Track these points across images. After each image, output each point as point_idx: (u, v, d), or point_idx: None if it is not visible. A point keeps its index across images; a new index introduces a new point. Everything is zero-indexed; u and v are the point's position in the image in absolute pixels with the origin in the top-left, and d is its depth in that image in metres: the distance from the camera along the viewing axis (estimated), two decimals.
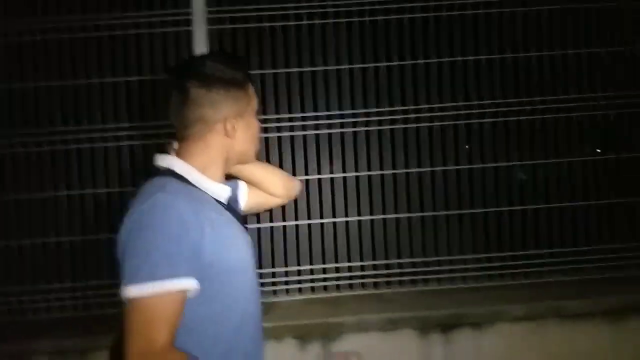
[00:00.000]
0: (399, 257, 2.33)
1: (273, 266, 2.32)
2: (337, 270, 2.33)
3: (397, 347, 2.09)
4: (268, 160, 2.31)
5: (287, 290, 2.32)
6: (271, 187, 1.34)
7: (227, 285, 1.03)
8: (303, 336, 2.09)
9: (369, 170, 2.36)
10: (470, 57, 2.37)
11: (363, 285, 2.33)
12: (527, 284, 2.30)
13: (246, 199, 1.32)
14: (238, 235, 1.10)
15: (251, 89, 1.13)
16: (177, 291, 0.94)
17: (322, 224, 2.34)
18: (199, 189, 1.07)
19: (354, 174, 2.36)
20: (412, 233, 2.34)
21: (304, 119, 2.34)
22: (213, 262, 0.99)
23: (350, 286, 2.33)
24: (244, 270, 1.09)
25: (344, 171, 2.36)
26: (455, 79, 2.38)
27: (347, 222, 2.35)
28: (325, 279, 2.32)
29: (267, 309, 2.17)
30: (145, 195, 1.00)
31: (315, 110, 2.35)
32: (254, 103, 1.14)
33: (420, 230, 2.35)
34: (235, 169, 1.25)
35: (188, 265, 0.95)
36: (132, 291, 0.92)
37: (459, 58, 2.37)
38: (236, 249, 1.07)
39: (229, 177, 1.23)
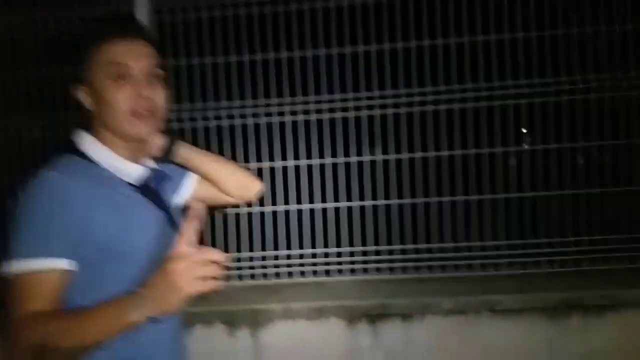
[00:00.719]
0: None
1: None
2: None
3: (324, 336, 2.06)
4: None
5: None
6: (223, 185, 1.28)
7: (126, 267, 1.01)
8: (232, 322, 2.09)
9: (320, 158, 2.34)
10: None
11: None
12: (463, 277, 2.23)
13: (191, 191, 1.28)
14: (147, 218, 1.08)
15: (105, 52, 0.98)
16: (49, 270, 0.93)
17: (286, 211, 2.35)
18: (103, 167, 1.03)
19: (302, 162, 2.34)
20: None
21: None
22: (109, 242, 0.97)
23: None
24: (148, 254, 1.08)
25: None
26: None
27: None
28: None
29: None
30: (35, 173, 0.98)
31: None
32: (112, 68, 0.98)
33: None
34: (191, 163, 1.23)
35: (64, 246, 0.94)
36: (3, 268, 0.93)
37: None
38: (140, 232, 1.05)
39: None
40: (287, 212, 2.35)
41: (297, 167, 2.34)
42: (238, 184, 1.28)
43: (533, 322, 2.01)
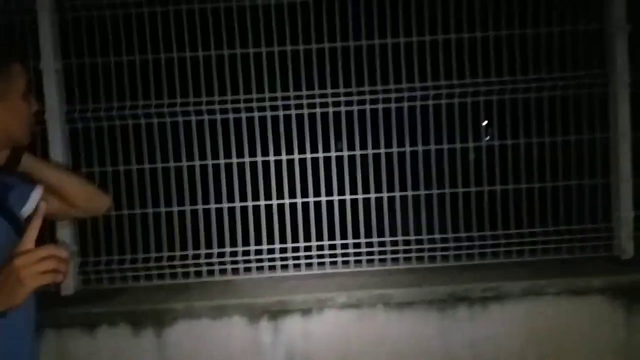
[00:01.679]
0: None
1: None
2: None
3: (227, 334, 2.13)
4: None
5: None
6: (70, 197, 1.29)
7: None
8: (136, 322, 2.12)
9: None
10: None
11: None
12: (358, 272, 2.33)
13: (37, 202, 1.28)
14: None
15: (16, 70, 1.09)
16: None
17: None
18: None
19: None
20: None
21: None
22: None
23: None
24: None
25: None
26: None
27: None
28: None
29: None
30: None
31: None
32: (21, 84, 1.10)
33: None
34: (38, 175, 1.23)
35: None
36: None
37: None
38: None
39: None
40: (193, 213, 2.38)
41: (203, 167, 2.37)
42: (85, 196, 1.30)
43: (424, 314, 2.14)
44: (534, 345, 2.16)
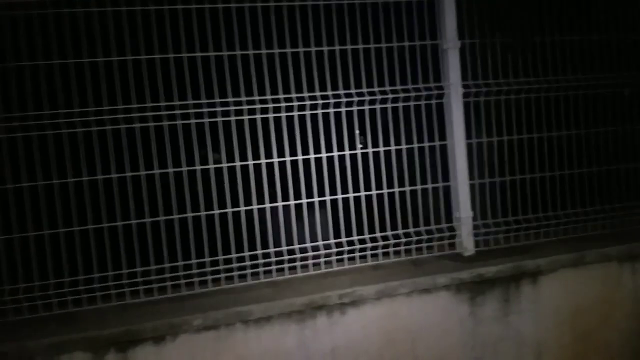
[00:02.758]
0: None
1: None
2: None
3: None
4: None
5: None
6: None
7: None
8: None
9: None
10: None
11: None
12: (213, 291, 2.25)
13: None
14: None
15: None
16: None
17: None
18: None
19: None
20: None
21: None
22: None
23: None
24: None
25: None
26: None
27: None
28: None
29: None
30: None
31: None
32: None
33: None
34: None
35: None
36: None
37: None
38: None
39: None
40: None
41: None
42: None
43: (282, 327, 2.11)
44: (390, 346, 2.25)
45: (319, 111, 2.37)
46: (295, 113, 2.35)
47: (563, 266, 2.48)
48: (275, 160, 2.34)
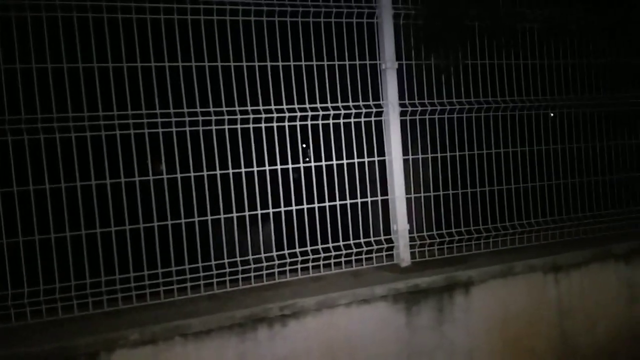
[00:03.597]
0: None
1: None
2: None
3: None
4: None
5: None
6: None
7: None
8: None
9: None
10: None
11: None
12: (150, 305, 2.21)
13: None
14: None
15: None
16: None
17: None
18: None
19: None
20: None
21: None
22: None
23: None
24: None
25: None
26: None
27: None
28: None
29: None
30: None
31: None
32: None
33: None
34: None
35: None
36: None
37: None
38: None
39: None
40: None
41: None
42: None
43: (222, 340, 2.10)
44: (330, 356, 2.29)
45: (263, 125, 2.42)
46: (239, 126, 2.38)
47: (493, 277, 2.63)
48: (218, 172, 2.35)
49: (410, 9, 2.68)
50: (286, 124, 2.45)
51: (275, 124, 2.44)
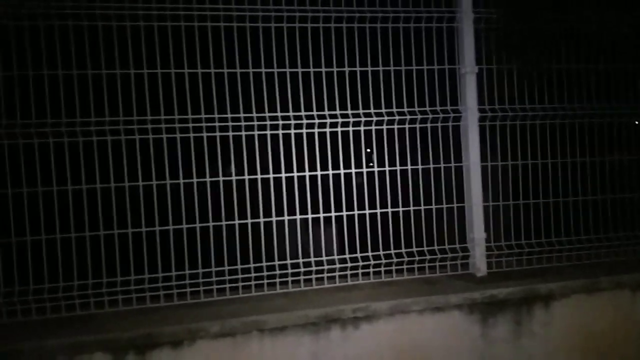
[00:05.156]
0: None
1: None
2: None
3: None
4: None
5: None
6: None
7: None
8: None
9: None
10: None
11: None
12: (231, 299, 2.30)
13: None
14: None
15: None
16: None
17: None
18: None
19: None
20: None
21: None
22: None
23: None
24: None
25: None
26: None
27: None
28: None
29: None
30: None
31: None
32: None
33: None
34: None
35: None
36: None
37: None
38: None
39: None
40: None
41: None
42: None
43: (297, 338, 2.15)
44: None
45: (339, 129, 2.46)
46: (316, 130, 2.43)
47: (576, 291, 2.49)
48: (295, 174, 2.41)
49: (492, 13, 2.62)
50: (362, 128, 2.48)
51: (351, 129, 2.47)
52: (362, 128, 2.49)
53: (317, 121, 2.43)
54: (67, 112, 2.18)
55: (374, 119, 2.49)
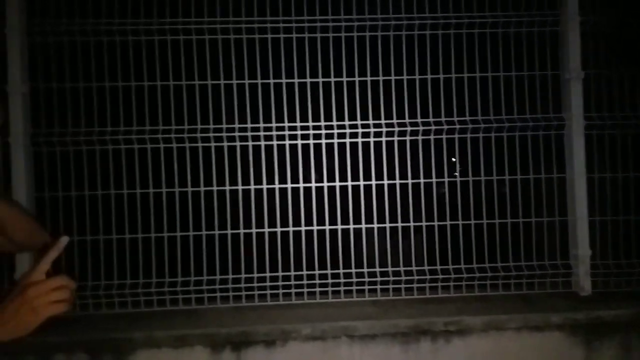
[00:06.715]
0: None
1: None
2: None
3: None
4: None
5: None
6: (12, 230, 1.17)
7: None
8: (94, 352, 2.06)
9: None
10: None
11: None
12: (324, 303, 2.33)
13: None
14: None
15: None
16: None
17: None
18: None
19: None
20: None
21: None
22: None
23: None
24: None
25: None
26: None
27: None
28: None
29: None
30: None
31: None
32: None
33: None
34: None
35: None
36: None
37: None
38: None
39: None
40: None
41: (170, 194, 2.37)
42: (27, 232, 1.21)
43: (386, 347, 2.14)
44: None
45: (432, 137, 2.43)
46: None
47: None
48: (386, 182, 2.42)
49: (598, 17, 2.46)
50: (456, 136, 2.42)
51: (444, 136, 2.43)
52: (456, 136, 2.43)
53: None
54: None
55: (470, 126, 2.42)
